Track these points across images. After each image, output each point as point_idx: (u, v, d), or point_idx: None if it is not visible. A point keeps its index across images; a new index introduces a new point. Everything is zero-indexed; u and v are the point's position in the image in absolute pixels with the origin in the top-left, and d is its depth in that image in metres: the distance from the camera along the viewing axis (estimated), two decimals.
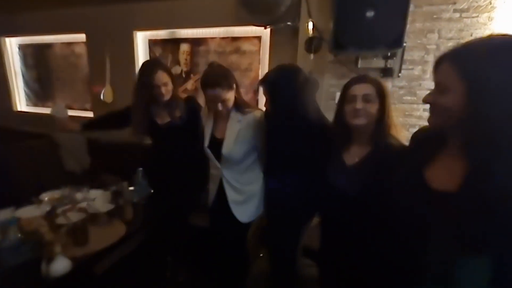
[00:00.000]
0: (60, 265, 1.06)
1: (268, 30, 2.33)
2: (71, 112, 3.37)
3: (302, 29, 2.02)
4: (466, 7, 1.66)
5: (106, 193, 1.64)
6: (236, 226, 1.54)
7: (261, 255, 2.13)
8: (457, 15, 1.68)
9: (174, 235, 1.78)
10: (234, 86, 1.41)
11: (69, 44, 3.29)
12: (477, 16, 1.64)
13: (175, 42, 2.81)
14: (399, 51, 1.77)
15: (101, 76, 3.02)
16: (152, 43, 2.90)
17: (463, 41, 0.72)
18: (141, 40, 2.93)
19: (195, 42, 2.75)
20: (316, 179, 1.23)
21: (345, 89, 1.10)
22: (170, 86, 1.56)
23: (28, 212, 1.45)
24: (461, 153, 0.66)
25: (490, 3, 1.61)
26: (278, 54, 2.37)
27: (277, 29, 2.25)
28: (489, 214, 0.58)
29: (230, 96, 1.38)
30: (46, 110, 3.56)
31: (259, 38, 2.52)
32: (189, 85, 2.87)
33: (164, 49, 2.87)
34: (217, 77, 1.35)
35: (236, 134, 1.42)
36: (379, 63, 1.83)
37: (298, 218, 1.47)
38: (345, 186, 1.09)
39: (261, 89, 1.38)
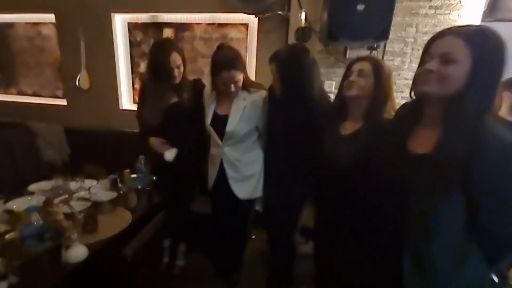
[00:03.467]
0: (79, 252, 1.06)
1: (256, 18, 2.36)
2: (40, 100, 3.17)
3: (293, 18, 2.09)
4: (440, 4, 1.86)
5: (104, 181, 1.62)
6: (237, 206, 1.61)
7: (253, 237, 2.24)
8: (432, 11, 1.87)
9: (175, 221, 1.80)
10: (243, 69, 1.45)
11: (35, 24, 2.99)
12: (449, 13, 1.85)
13: (158, 27, 2.71)
14: (382, 43, 1.93)
15: (74, 60, 2.83)
16: (132, 27, 2.77)
17: None
18: (120, 23, 2.77)
19: (180, 27, 2.68)
20: (314, 154, 1.31)
21: (348, 66, 1.21)
22: (182, 68, 1.55)
23: (22, 204, 1.39)
24: (435, 122, 0.80)
25: (460, 2, 1.82)
26: (266, 42, 2.41)
27: (265, 17, 2.29)
28: (458, 169, 0.72)
29: (242, 77, 1.42)
30: (8, 98, 3.25)
31: (246, 25, 2.53)
32: None
33: (145, 33, 2.76)
34: (232, 59, 1.38)
35: (241, 112, 1.46)
36: (364, 53, 1.97)
37: (297, 197, 1.57)
38: (340, 156, 1.19)
39: (252, 75, 1.43)
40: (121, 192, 1.54)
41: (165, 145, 1.60)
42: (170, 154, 1.58)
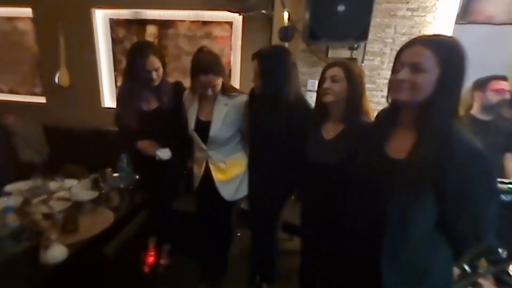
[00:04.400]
0: (58, 252, 1.05)
1: (241, 16, 2.37)
2: (17, 98, 3.04)
3: (276, 18, 2.11)
4: (416, 6, 1.93)
5: (84, 181, 1.59)
6: (222, 205, 1.63)
7: (238, 234, 2.26)
8: (409, 13, 1.94)
9: (158, 220, 1.80)
10: (223, 74, 1.46)
11: (10, 19, 2.87)
12: (425, 16, 1.93)
13: (141, 23, 2.67)
14: (363, 43, 1.99)
15: (53, 57, 2.74)
16: (114, 23, 2.71)
17: (414, 36, 0.90)
18: (101, 19, 2.71)
19: (163, 24, 2.65)
20: (296, 155, 1.35)
21: (322, 73, 1.27)
22: (161, 71, 1.54)
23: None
24: (410, 127, 0.85)
25: (435, 5, 1.90)
26: (250, 41, 2.42)
27: (249, 16, 2.30)
28: (430, 172, 0.77)
29: (220, 82, 1.43)
30: None
31: (230, 23, 2.53)
32: None
33: (128, 30, 2.70)
34: (210, 63, 1.39)
35: (223, 117, 1.49)
36: (345, 53, 2.03)
37: (280, 195, 1.61)
38: (323, 158, 1.24)
39: (237, 73, 1.45)
40: (103, 191, 1.52)
41: (154, 146, 1.60)
42: (163, 153, 1.57)
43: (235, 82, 2.61)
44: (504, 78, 1.76)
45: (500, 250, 1.70)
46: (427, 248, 0.86)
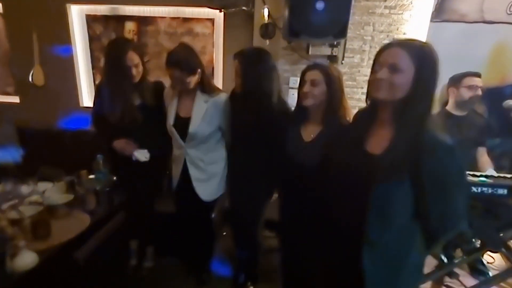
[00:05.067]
0: (26, 260, 1.00)
1: (222, 13, 2.34)
2: None
3: (257, 15, 2.10)
4: (393, 4, 1.96)
5: (59, 184, 1.53)
6: (201, 205, 1.62)
7: (224, 233, 2.25)
8: (387, 11, 1.97)
9: (139, 222, 1.76)
10: (199, 70, 1.44)
11: None
12: (402, 13, 1.96)
13: (119, 20, 2.59)
14: (343, 41, 2.00)
15: (26, 55, 2.62)
16: (91, 19, 2.62)
17: (392, 34, 0.94)
18: (77, 14, 2.61)
19: (142, 21, 2.58)
20: (276, 155, 1.37)
21: (301, 75, 1.29)
22: (140, 68, 1.50)
23: None
24: (387, 124, 0.89)
25: (411, 3, 1.94)
26: (232, 38, 2.40)
27: (231, 13, 2.28)
28: (406, 165, 0.82)
29: (192, 79, 1.41)
30: None
31: (212, 20, 2.50)
32: None
33: (106, 26, 2.62)
34: (179, 59, 1.38)
35: (203, 114, 1.47)
36: (326, 51, 2.04)
37: (261, 194, 1.61)
38: (303, 159, 1.27)
39: (220, 71, 1.45)
40: (79, 194, 1.47)
41: (132, 146, 1.56)
42: (141, 154, 1.53)
43: (218, 80, 2.59)
44: (477, 75, 1.82)
45: (474, 240, 1.77)
46: (405, 237, 0.90)
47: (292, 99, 1.72)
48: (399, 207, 0.86)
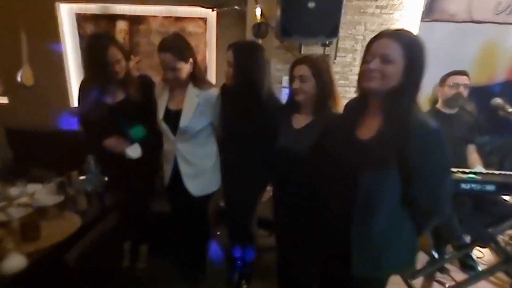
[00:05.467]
0: (15, 262, 0.98)
1: (214, 12, 2.33)
2: None
3: (249, 14, 2.10)
4: (384, 4, 1.98)
5: (49, 185, 1.50)
6: (195, 203, 1.60)
7: (218, 233, 2.25)
8: (378, 11, 2.00)
9: (132, 222, 1.74)
10: (191, 60, 1.43)
11: None
12: (393, 13, 1.99)
13: (110, 19, 2.55)
14: (335, 40, 2.02)
15: (15, 54, 2.56)
16: (81, 18, 2.58)
17: None
18: (66, 13, 2.56)
19: (134, 20, 2.56)
20: (268, 146, 1.37)
21: (290, 70, 1.30)
22: (123, 63, 1.47)
23: None
24: (377, 112, 0.91)
25: (401, 3, 1.97)
26: (225, 37, 2.40)
27: (223, 12, 2.27)
28: (394, 150, 0.84)
29: (182, 67, 1.39)
30: None
31: (204, 19, 2.49)
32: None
33: (97, 25, 2.58)
34: (170, 43, 1.37)
35: (195, 107, 1.46)
36: (319, 50, 2.05)
37: (254, 189, 1.61)
38: (294, 147, 1.28)
39: (213, 70, 1.44)
40: (69, 195, 1.44)
41: (123, 143, 1.54)
42: (133, 151, 1.50)
43: (211, 78, 2.58)
44: (462, 73, 1.85)
45: (464, 236, 1.81)
46: (393, 223, 0.93)
47: (285, 98, 1.72)
48: (387, 193, 0.88)
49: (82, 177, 1.49)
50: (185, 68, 1.41)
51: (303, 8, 1.67)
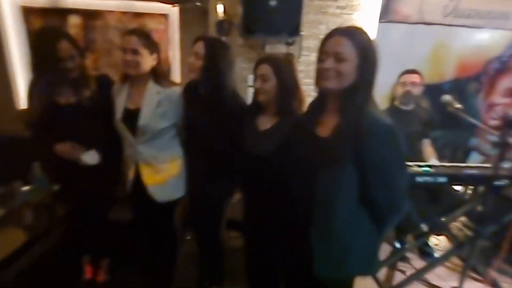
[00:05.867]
0: None
1: (176, 8, 2.25)
2: None
3: (211, 11, 2.04)
4: (344, 5, 2.04)
5: None
6: (160, 209, 1.51)
7: (188, 237, 2.17)
8: (339, 11, 2.04)
9: (91, 233, 1.62)
10: (155, 56, 1.36)
11: None
12: (352, 14, 2.05)
13: (61, 13, 2.35)
14: (298, 39, 2.03)
15: None
16: (28, 12, 2.34)
17: None
18: (9, 6, 2.31)
19: (89, 15, 2.38)
20: (235, 149, 1.33)
21: (254, 69, 1.27)
22: (78, 59, 1.35)
23: None
24: (335, 111, 0.92)
25: (360, 4, 2.03)
26: (188, 35, 2.32)
27: (185, 8, 2.19)
28: (350, 148, 0.84)
29: (145, 54, 1.31)
30: None
31: (166, 16, 2.39)
32: None
33: (46, 20, 2.36)
34: (138, 29, 1.34)
35: (155, 105, 1.37)
36: (282, 49, 2.05)
37: (221, 194, 1.57)
38: (259, 149, 1.24)
39: (177, 69, 1.38)
40: (12, 208, 1.30)
41: (78, 149, 1.42)
42: (90, 157, 1.40)
43: (175, 78, 2.48)
44: (414, 72, 1.96)
45: (422, 225, 1.92)
46: (353, 223, 0.92)
47: (251, 97, 1.71)
48: (345, 192, 0.88)
49: (25, 188, 1.34)
50: (148, 59, 1.33)
51: (264, 6, 1.65)
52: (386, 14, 2.09)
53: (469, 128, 2.33)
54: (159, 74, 1.40)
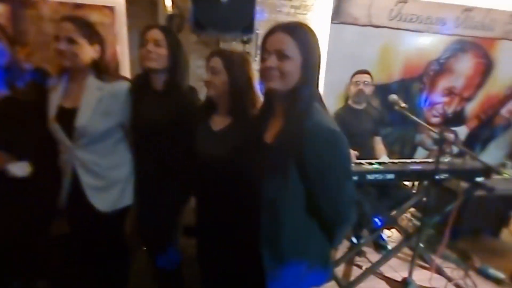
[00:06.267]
0: None
1: (123, 0, 2.07)
2: None
3: (160, 4, 1.91)
4: (298, 4, 2.05)
5: None
6: (105, 220, 1.35)
7: (144, 248, 2.02)
8: (293, 10, 2.05)
9: (23, 253, 1.40)
10: (97, 47, 1.21)
11: None
12: (306, 14, 2.07)
13: None
14: (254, 37, 1.99)
15: None
16: None
17: None
18: None
19: (17, 4, 2.08)
20: (189, 152, 1.24)
21: (206, 63, 1.19)
22: (7, 50, 1.19)
23: None
24: (281, 114, 0.87)
25: (313, 4, 2.06)
26: (137, 29, 2.15)
27: (133, 0, 2.03)
28: (293, 155, 0.79)
29: (82, 44, 1.16)
30: None
31: (111, 8, 2.19)
32: None
33: None
34: (75, 16, 1.19)
35: (95, 103, 1.21)
36: (238, 47, 2.00)
37: (174, 200, 1.46)
38: (211, 151, 1.17)
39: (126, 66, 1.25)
40: None
41: (4, 158, 1.22)
42: (19, 168, 1.22)
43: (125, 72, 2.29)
44: (365, 72, 2.04)
45: (375, 219, 2.00)
46: (303, 234, 0.87)
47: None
48: (292, 201, 0.83)
49: None
50: (86, 50, 1.17)
51: (216, 1, 1.58)
52: (338, 16, 2.15)
53: (414, 125, 2.51)
54: (101, 68, 1.25)
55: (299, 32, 0.80)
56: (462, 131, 2.81)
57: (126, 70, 2.30)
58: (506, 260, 2.00)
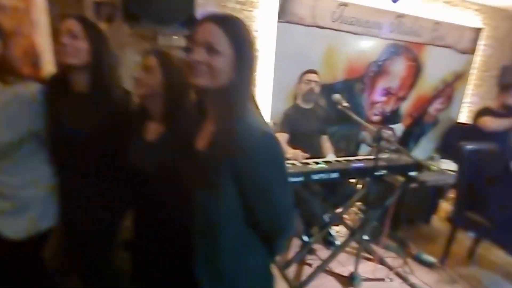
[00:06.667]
0: None
1: None
2: None
3: None
4: (244, 1, 1.98)
5: None
6: (19, 245, 1.12)
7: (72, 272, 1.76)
8: (238, 6, 1.98)
9: None
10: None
11: None
12: (252, 11, 2.01)
13: None
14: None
15: None
16: None
17: None
18: None
19: None
20: (118, 164, 1.10)
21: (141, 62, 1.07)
22: None
23: None
24: (213, 118, 0.79)
25: (258, 2, 2.01)
26: (60, 17, 1.86)
27: None
28: (225, 162, 0.72)
29: None
30: None
31: None
32: None
33: None
34: None
35: None
36: (180, 42, 1.85)
37: (107, 217, 1.28)
38: (144, 162, 1.06)
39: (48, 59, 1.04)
40: None
41: None
42: None
43: (47, 73, 1.97)
44: (313, 71, 2.07)
45: (324, 217, 2.04)
46: (241, 249, 0.80)
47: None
48: (227, 214, 0.76)
49: None
50: None
51: None
52: (284, 15, 2.14)
53: (357, 123, 2.64)
54: (4, 68, 1.04)
55: (232, 26, 0.72)
56: (399, 128, 3.07)
57: (48, 64, 1.98)
58: (436, 245, 2.21)
